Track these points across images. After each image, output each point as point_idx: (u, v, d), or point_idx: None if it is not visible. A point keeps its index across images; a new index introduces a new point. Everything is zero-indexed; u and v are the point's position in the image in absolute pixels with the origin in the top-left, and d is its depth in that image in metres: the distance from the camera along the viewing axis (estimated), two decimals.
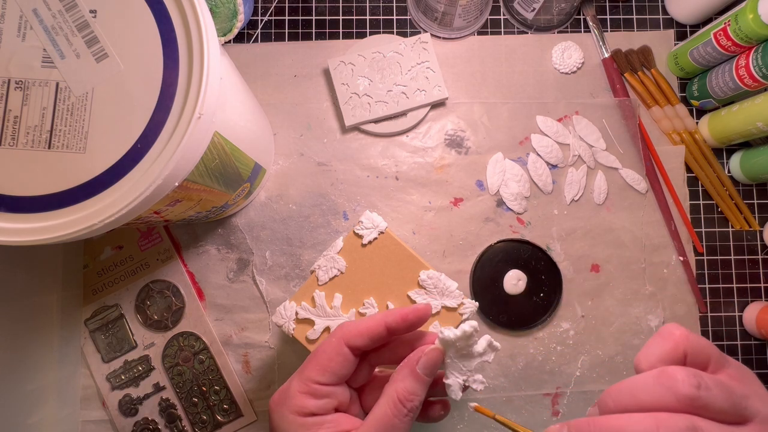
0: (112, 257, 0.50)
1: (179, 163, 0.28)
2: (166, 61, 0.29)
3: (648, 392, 0.21)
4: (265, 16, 0.53)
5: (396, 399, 0.29)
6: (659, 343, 0.22)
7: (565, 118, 0.53)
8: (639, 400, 0.21)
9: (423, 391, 0.30)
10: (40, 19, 0.29)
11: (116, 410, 0.49)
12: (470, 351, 0.31)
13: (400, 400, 0.29)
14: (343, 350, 0.31)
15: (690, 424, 0.19)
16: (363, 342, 0.31)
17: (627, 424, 0.20)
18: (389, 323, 0.31)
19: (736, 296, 0.52)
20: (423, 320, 0.32)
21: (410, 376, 0.30)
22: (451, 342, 0.30)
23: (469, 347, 0.31)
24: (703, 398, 0.20)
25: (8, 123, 0.29)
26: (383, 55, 0.51)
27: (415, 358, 0.31)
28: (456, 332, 0.30)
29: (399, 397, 0.29)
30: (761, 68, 0.44)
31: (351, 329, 0.31)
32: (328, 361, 0.31)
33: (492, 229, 0.51)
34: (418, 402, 0.30)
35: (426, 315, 0.32)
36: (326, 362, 0.31)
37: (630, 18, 0.55)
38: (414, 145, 0.52)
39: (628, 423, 0.20)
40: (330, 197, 0.51)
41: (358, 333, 0.31)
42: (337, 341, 0.31)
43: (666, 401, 0.20)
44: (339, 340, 0.31)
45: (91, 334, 0.49)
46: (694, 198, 0.53)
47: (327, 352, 0.31)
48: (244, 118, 0.40)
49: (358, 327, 0.31)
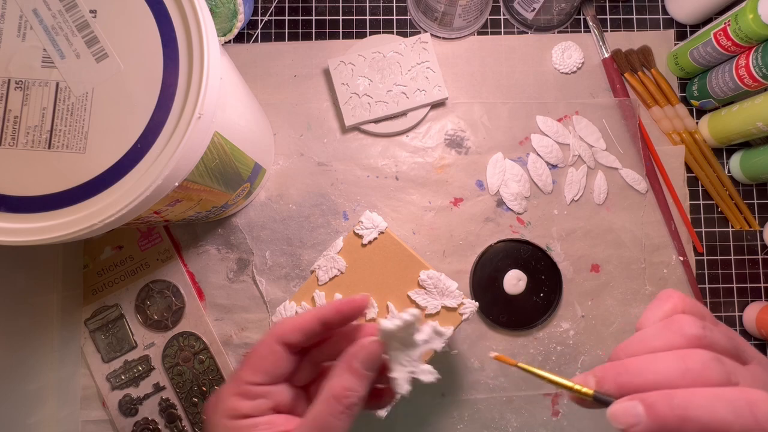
0: (112, 257, 0.50)
1: (179, 163, 0.28)
2: (166, 61, 0.29)
3: (658, 338, 0.21)
4: (265, 16, 0.53)
5: (331, 396, 0.28)
6: (659, 305, 0.24)
7: (565, 118, 0.53)
8: (651, 345, 0.22)
9: (362, 387, 0.29)
10: (40, 19, 0.29)
11: (116, 410, 0.49)
12: (413, 340, 0.29)
13: (336, 397, 0.28)
14: (275, 348, 0.30)
15: (713, 355, 0.20)
16: (297, 338, 0.30)
17: (652, 361, 0.21)
18: (323, 316, 0.30)
19: (736, 296, 0.52)
20: (359, 311, 0.31)
21: (347, 372, 0.29)
22: (392, 333, 0.29)
23: (411, 336, 0.29)
24: (708, 337, 0.21)
25: (8, 123, 0.29)
26: (383, 55, 0.51)
27: (353, 352, 0.29)
28: (396, 322, 0.28)
29: (334, 393, 0.28)
30: (761, 68, 0.44)
31: (283, 326, 0.30)
32: (261, 360, 0.30)
33: (492, 229, 0.51)
34: (356, 398, 0.28)
35: (362, 305, 0.31)
36: (258, 361, 0.30)
37: (630, 18, 0.55)
38: (414, 145, 0.52)
39: (654, 360, 0.21)
40: (330, 197, 0.51)
41: (291, 329, 0.30)
42: (269, 339, 0.30)
43: (677, 343, 0.21)
44: (270, 338, 0.30)
45: (91, 334, 0.49)
46: (694, 198, 0.53)
47: (259, 351, 0.30)
48: (244, 118, 0.40)
49: (291, 323, 0.30)
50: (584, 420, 0.49)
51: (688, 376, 0.20)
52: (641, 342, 0.22)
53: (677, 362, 0.20)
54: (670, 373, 0.20)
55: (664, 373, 0.20)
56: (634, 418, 0.19)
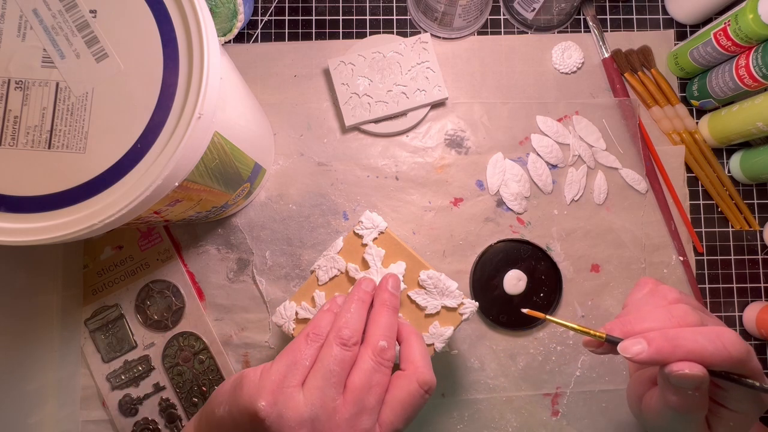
0: (112, 257, 0.50)
1: (179, 163, 0.28)
2: (166, 61, 0.29)
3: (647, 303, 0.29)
4: (265, 16, 0.53)
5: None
6: (640, 288, 0.31)
7: (565, 118, 0.53)
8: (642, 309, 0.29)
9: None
10: (40, 19, 0.29)
11: (116, 410, 0.49)
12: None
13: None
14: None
15: (690, 306, 0.28)
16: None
17: (647, 314, 0.28)
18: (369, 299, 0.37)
19: (736, 296, 0.52)
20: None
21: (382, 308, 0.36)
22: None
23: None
24: (684, 299, 0.29)
25: (8, 123, 0.29)
26: (383, 55, 0.51)
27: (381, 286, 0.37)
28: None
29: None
30: (761, 68, 0.44)
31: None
32: None
33: (492, 229, 0.51)
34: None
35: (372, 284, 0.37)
36: None
37: (630, 18, 0.55)
38: (414, 145, 0.52)
39: (648, 313, 0.28)
40: (330, 197, 0.51)
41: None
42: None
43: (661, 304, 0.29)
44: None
45: (91, 334, 0.49)
46: (694, 198, 0.53)
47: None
48: (244, 118, 0.40)
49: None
50: (584, 420, 0.49)
51: (674, 321, 0.27)
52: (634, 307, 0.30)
53: (665, 313, 0.28)
54: (661, 320, 0.27)
55: (657, 320, 0.27)
56: (639, 347, 0.26)
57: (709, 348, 0.25)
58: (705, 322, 0.27)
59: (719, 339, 0.25)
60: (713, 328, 0.26)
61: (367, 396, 0.31)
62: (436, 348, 0.40)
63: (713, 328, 0.26)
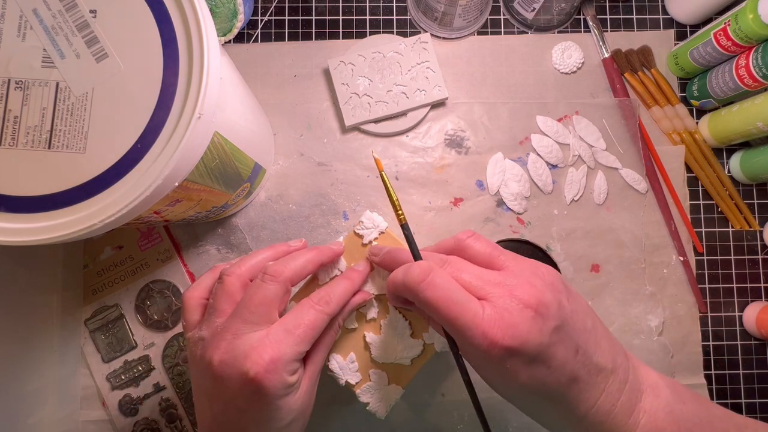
0: (112, 257, 0.50)
1: (179, 163, 0.28)
2: (166, 61, 0.29)
3: (444, 243, 0.33)
4: (265, 16, 0.53)
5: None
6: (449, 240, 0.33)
7: (565, 118, 0.53)
8: (438, 247, 0.33)
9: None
10: (40, 19, 0.29)
11: (116, 410, 0.49)
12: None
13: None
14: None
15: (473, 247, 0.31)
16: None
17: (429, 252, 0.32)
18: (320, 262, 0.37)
19: (736, 296, 0.52)
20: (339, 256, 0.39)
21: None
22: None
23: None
24: (467, 242, 0.31)
25: (8, 123, 0.29)
26: (383, 55, 0.51)
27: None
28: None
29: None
30: (761, 68, 0.44)
31: (333, 298, 0.35)
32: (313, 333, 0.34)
33: (492, 229, 0.51)
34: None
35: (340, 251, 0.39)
36: (311, 333, 0.34)
37: (630, 18, 0.55)
38: (414, 145, 0.52)
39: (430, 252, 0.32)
40: (330, 197, 0.51)
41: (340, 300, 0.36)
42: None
43: (450, 244, 0.32)
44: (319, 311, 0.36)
45: (91, 334, 0.49)
46: (694, 198, 0.53)
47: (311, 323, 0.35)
48: (244, 118, 0.40)
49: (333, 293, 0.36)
50: None
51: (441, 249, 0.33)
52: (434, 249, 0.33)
53: (450, 241, 0.32)
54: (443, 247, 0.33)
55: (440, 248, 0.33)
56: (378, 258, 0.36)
57: (398, 276, 0.30)
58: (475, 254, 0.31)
59: (404, 270, 0.30)
60: (413, 264, 0.30)
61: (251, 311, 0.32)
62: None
63: (413, 264, 0.30)
